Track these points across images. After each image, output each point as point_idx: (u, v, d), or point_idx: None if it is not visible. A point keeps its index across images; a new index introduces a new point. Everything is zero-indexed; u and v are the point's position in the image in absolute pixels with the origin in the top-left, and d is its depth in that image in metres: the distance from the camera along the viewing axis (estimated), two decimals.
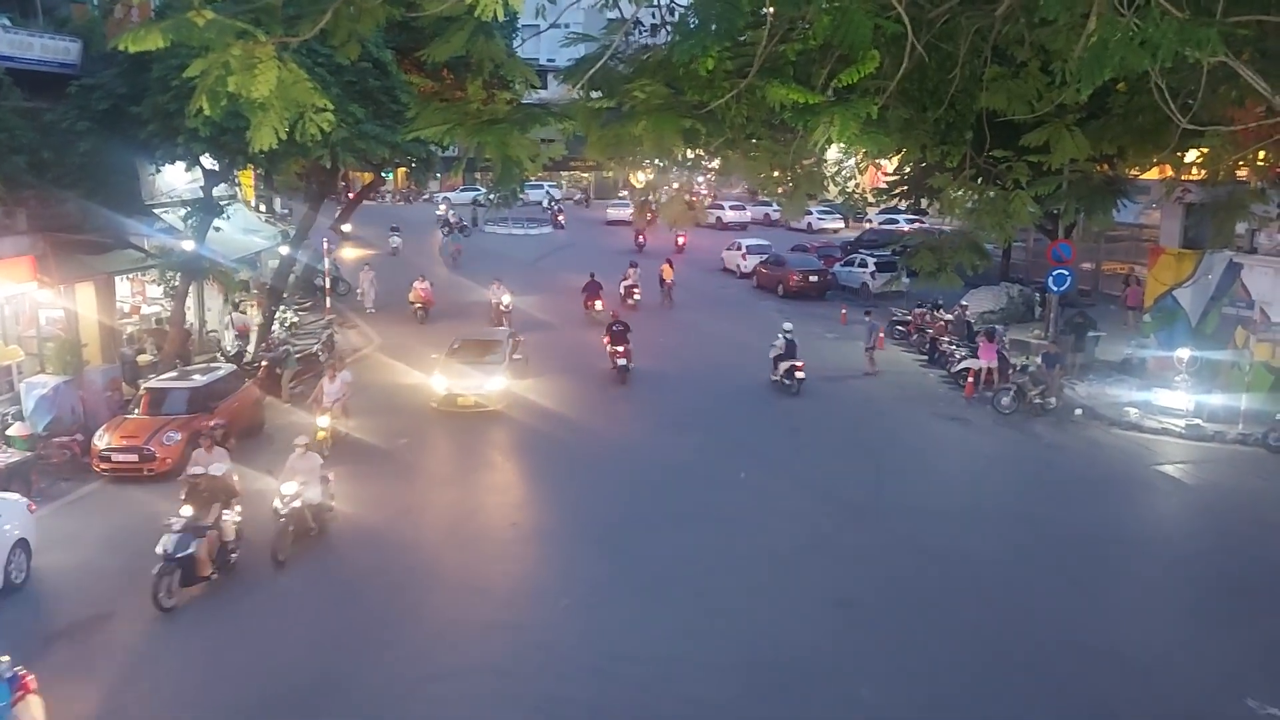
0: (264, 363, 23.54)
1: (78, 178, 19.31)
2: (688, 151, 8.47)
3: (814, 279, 36.97)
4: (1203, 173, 9.65)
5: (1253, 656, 11.85)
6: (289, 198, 48.46)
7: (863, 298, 35.71)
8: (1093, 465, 19.25)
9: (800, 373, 23.97)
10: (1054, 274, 24.10)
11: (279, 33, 5.59)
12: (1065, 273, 24.12)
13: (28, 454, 17.04)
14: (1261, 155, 9.14)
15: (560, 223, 57.42)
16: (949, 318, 28.13)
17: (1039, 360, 23.19)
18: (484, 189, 54.34)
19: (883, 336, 28.96)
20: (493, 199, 47.37)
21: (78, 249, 20.64)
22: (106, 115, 19.19)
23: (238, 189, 30.33)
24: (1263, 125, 7.49)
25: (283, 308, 29.43)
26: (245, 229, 28.48)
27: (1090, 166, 9.42)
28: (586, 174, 79.55)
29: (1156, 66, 5.23)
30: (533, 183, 62.85)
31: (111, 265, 22.07)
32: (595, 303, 32.40)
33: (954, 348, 25.67)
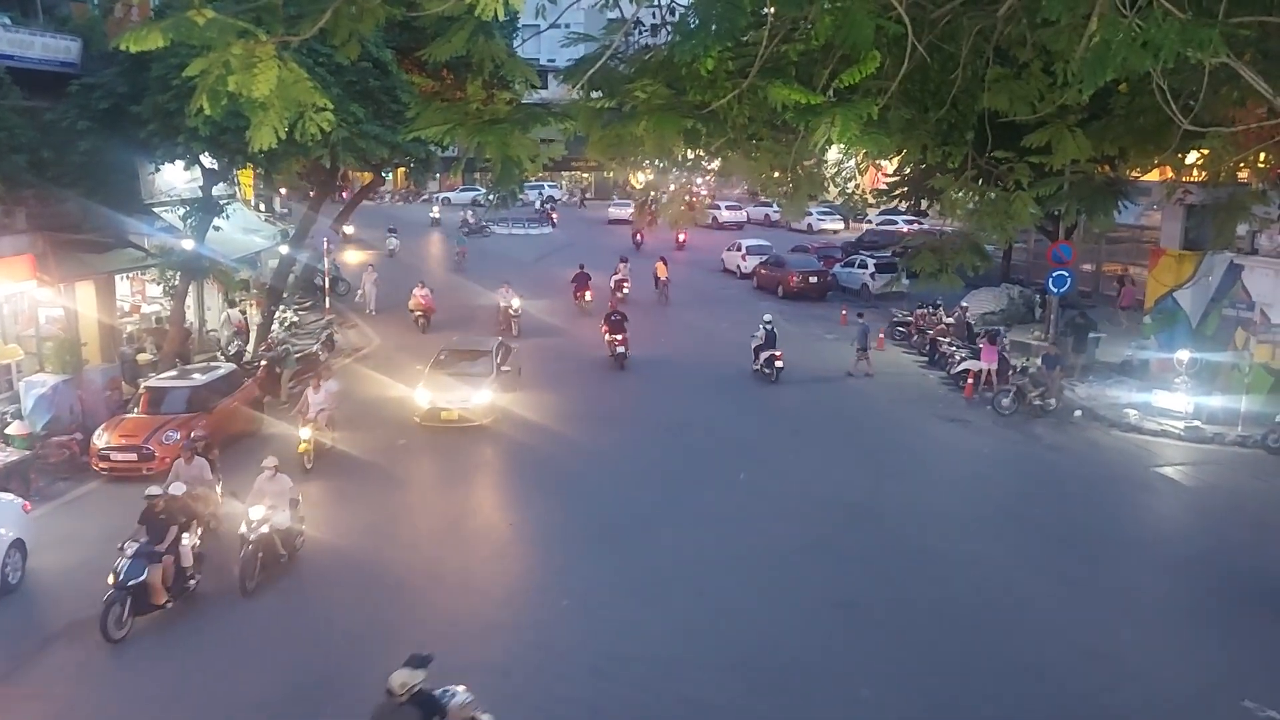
0: (264, 362, 23.55)
1: (78, 177, 19.31)
2: (688, 152, 8.45)
3: (814, 280, 36.99)
4: (1203, 174, 9.63)
5: (1251, 658, 11.86)
6: (288, 198, 48.50)
7: (863, 299, 35.74)
8: (1092, 467, 19.25)
9: (779, 361, 24.79)
10: (1054, 275, 24.12)
11: (279, 32, 5.58)
12: (1065, 274, 24.14)
13: (26, 453, 17.04)
14: (1262, 156, 9.12)
15: (553, 220, 57.66)
16: (949, 320, 28.11)
17: (1039, 362, 23.19)
18: (483, 189, 54.41)
19: (883, 337, 29.03)
20: (492, 199, 47.48)
21: (77, 248, 20.63)
22: (106, 114, 19.19)
23: (237, 188, 30.34)
24: (1264, 126, 7.47)
25: (282, 307, 29.43)
26: (245, 228, 28.48)
27: (1092, 167, 9.39)
28: (587, 174, 79.61)
29: (1158, 67, 5.22)
30: (533, 183, 62.97)
31: (111, 264, 22.06)
32: (584, 294, 33.50)
33: (954, 349, 25.67)
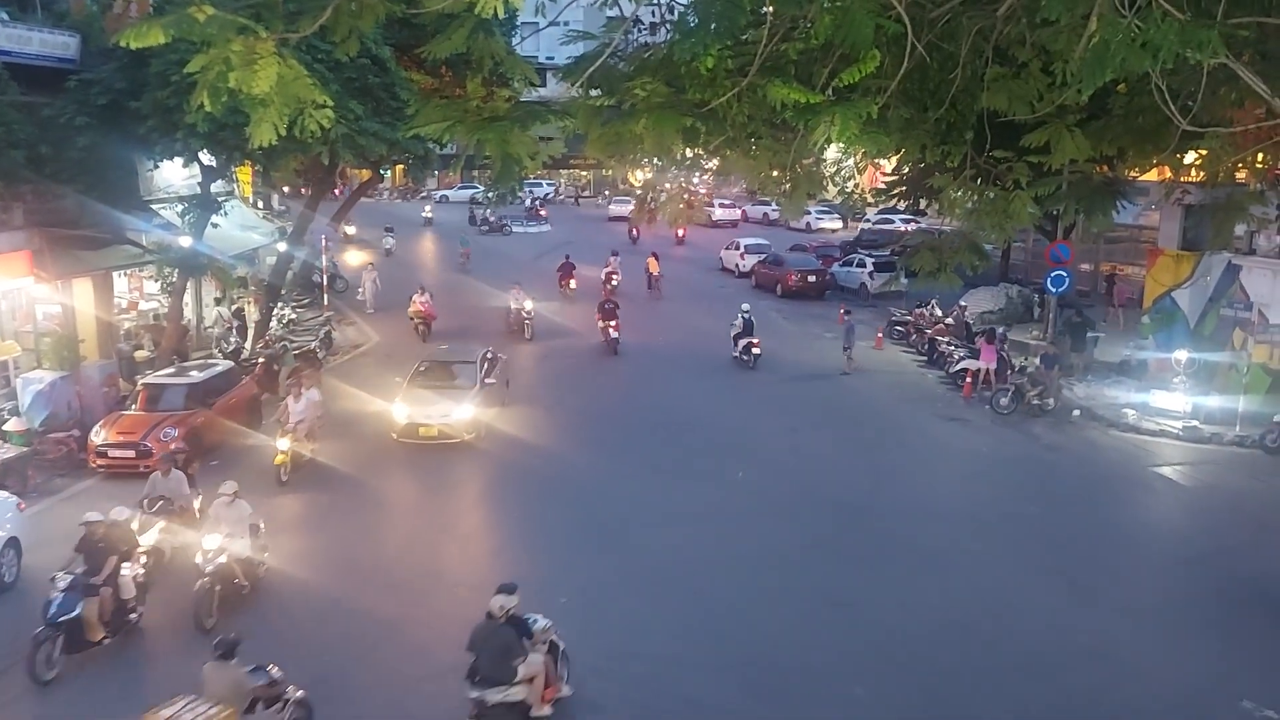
0: (261, 359, 23.54)
1: (76, 173, 19.27)
2: (687, 150, 8.44)
3: (812, 279, 37.00)
4: (1202, 174, 9.63)
5: (1249, 658, 11.89)
6: (289, 195, 48.46)
7: (861, 298, 35.79)
8: (1090, 466, 19.28)
9: (756, 349, 25.89)
10: (1052, 275, 24.13)
11: (279, 28, 5.57)
12: (1063, 274, 24.14)
13: (24, 449, 17.03)
14: (1261, 157, 9.13)
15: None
16: (949, 321, 28.12)
17: (1037, 361, 23.21)
18: (482, 187, 54.40)
19: (881, 336, 29.08)
20: (490, 196, 47.57)
21: (75, 244, 20.61)
22: (105, 110, 19.16)
23: (235, 185, 30.31)
24: (1262, 127, 7.48)
25: (281, 304, 29.41)
26: (243, 225, 28.45)
27: (1090, 167, 9.39)
28: (586, 172, 79.64)
29: (1157, 68, 5.22)
30: (531, 180, 62.92)
31: (109, 261, 22.04)
32: (569, 282, 35.54)
33: (953, 348, 25.69)
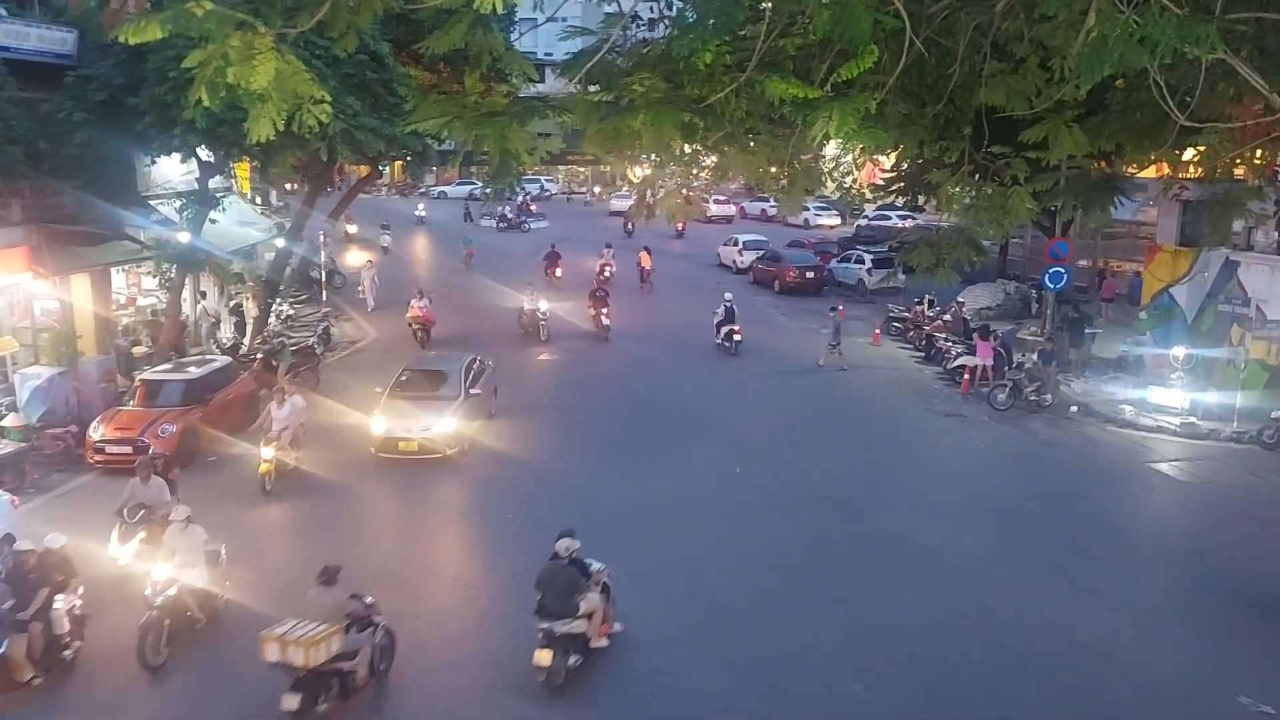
0: (259, 355, 23.52)
1: (74, 169, 19.25)
2: (685, 146, 8.46)
3: (810, 275, 37.03)
4: (1200, 170, 9.65)
5: (1246, 654, 11.91)
6: (289, 192, 48.36)
7: (859, 294, 35.89)
8: (1088, 462, 19.30)
9: (738, 335, 26.99)
10: (1050, 271, 24.14)
11: (277, 24, 5.58)
12: (1061, 270, 24.16)
13: (21, 445, 17.02)
14: (1259, 153, 9.17)
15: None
16: (946, 318, 28.13)
17: (1035, 357, 23.23)
18: (480, 183, 54.24)
19: (879, 332, 29.11)
20: (489, 192, 47.52)
21: (73, 240, 20.58)
22: (103, 106, 19.12)
23: (233, 181, 30.26)
24: (1260, 123, 7.51)
25: (279, 300, 29.37)
26: (241, 221, 28.40)
27: (1088, 163, 9.42)
28: (584, 168, 79.61)
29: (1155, 63, 5.24)
30: (530, 177, 62.80)
31: (107, 256, 22.01)
32: (555, 270, 37.28)
33: (950, 344, 25.71)
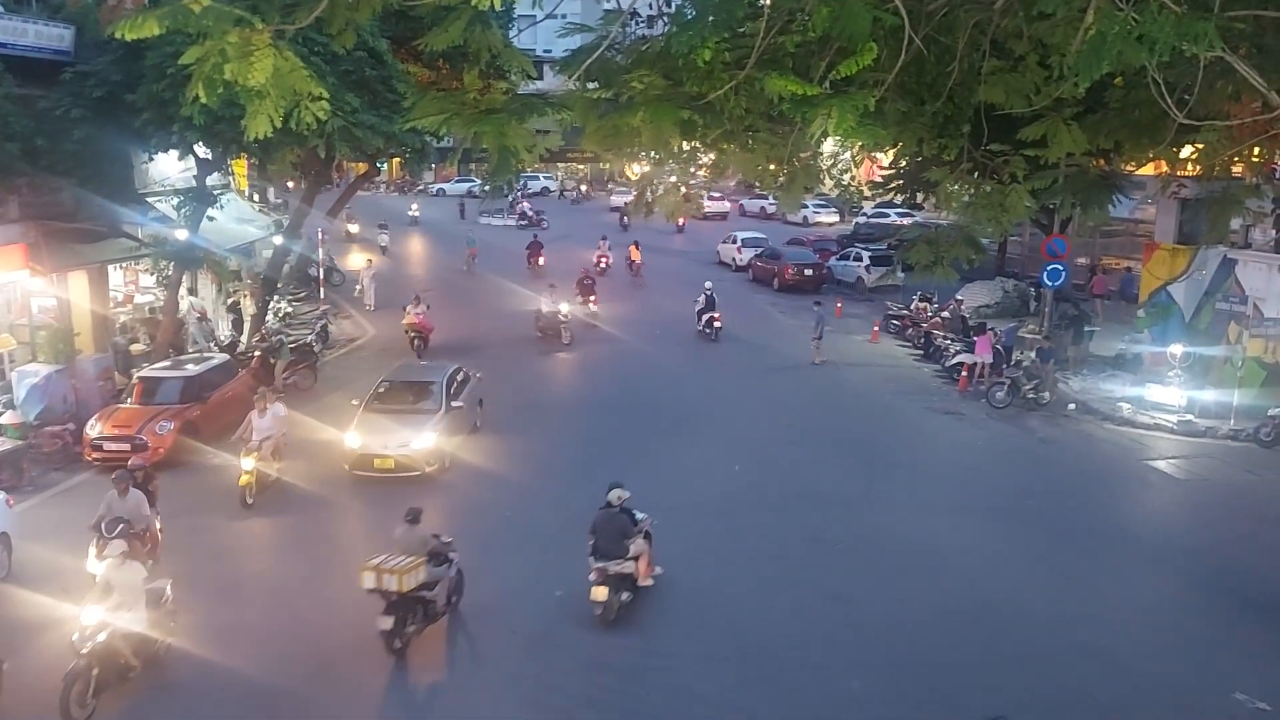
0: (257, 353, 23.50)
1: (71, 165, 19.21)
2: (684, 143, 8.45)
3: (809, 272, 37.04)
4: (1198, 168, 9.65)
5: (1242, 651, 11.93)
6: (288, 189, 48.28)
7: (858, 292, 35.94)
8: (1085, 460, 19.33)
9: (718, 322, 28.23)
10: (1048, 269, 24.16)
11: (275, 20, 5.56)
12: (1059, 268, 24.18)
13: (19, 443, 16.99)
14: (1257, 151, 9.17)
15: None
16: (944, 315, 28.16)
17: (1033, 355, 23.26)
18: (479, 180, 54.09)
19: (878, 330, 29.15)
20: (487, 189, 47.50)
21: (70, 237, 20.57)
22: (100, 103, 19.08)
23: (231, 178, 30.23)
24: (1258, 121, 7.50)
25: (277, 298, 29.34)
26: (239, 218, 28.38)
27: (1087, 161, 9.40)
28: (583, 165, 79.52)
29: (1153, 61, 5.23)
30: (529, 174, 62.61)
31: (104, 254, 22.00)
32: (537, 258, 39.35)
33: (948, 342, 25.73)
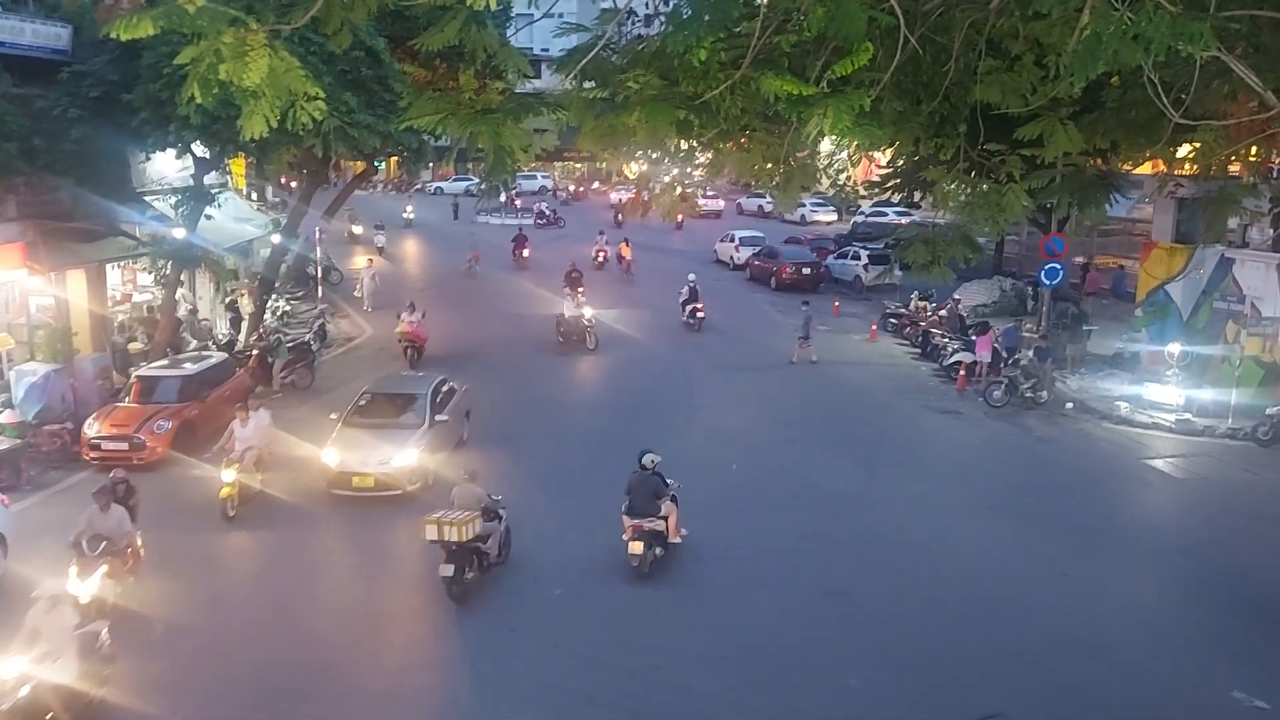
0: (255, 352, 23.48)
1: (69, 165, 19.19)
2: (681, 143, 8.45)
3: (807, 271, 37.08)
4: (1195, 167, 9.66)
5: (1240, 648, 11.95)
6: (281, 187, 48.25)
7: (856, 290, 35.96)
8: (1083, 459, 19.34)
9: (701, 313, 29.16)
10: (1046, 267, 24.18)
11: (271, 20, 5.56)
12: (1057, 267, 24.20)
13: (17, 442, 16.98)
14: (1253, 150, 9.15)
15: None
16: (942, 314, 28.17)
17: (1030, 353, 23.27)
18: (476, 179, 54.07)
19: (875, 329, 29.16)
20: (484, 188, 47.41)
21: (68, 236, 20.56)
22: (98, 102, 19.06)
23: (229, 177, 30.20)
24: (1255, 120, 7.49)
25: (275, 297, 29.32)
26: (237, 217, 28.37)
27: (1084, 160, 9.40)
28: (580, 164, 79.54)
29: (1149, 61, 5.23)
30: (526, 173, 62.46)
31: (102, 253, 21.98)
32: (522, 251, 41.02)
33: (946, 340, 25.75)
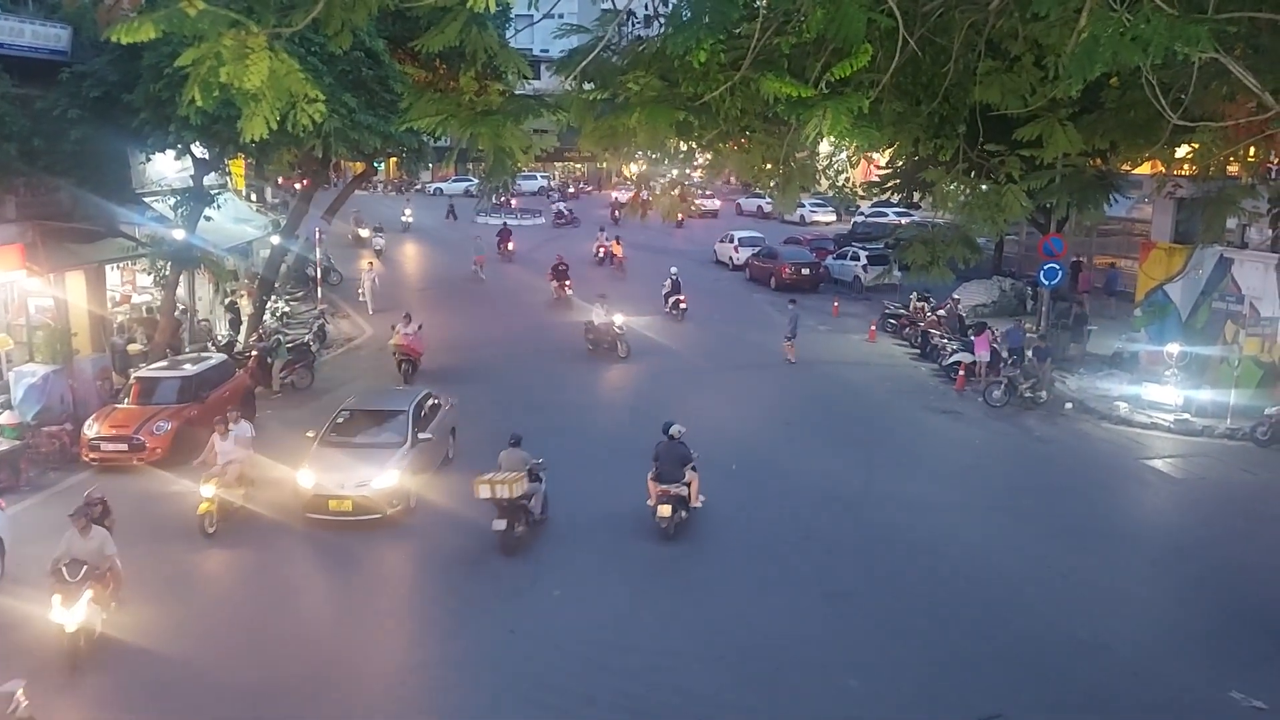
0: (254, 353, 23.48)
1: (68, 165, 19.20)
2: (680, 144, 8.47)
3: (806, 271, 37.09)
4: (1193, 168, 9.69)
5: (1239, 648, 11.97)
6: (280, 187, 48.22)
7: (855, 291, 35.98)
8: (1082, 459, 19.36)
9: (683, 304, 30.19)
10: (1045, 268, 24.21)
11: (271, 23, 5.56)
12: (1056, 267, 24.23)
13: (16, 443, 16.97)
14: (1252, 151, 9.17)
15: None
16: (941, 314, 28.19)
17: (1030, 353, 23.30)
18: (476, 179, 54.10)
19: (874, 329, 29.18)
20: (484, 188, 47.62)
21: (68, 237, 20.57)
22: (98, 103, 19.06)
23: (229, 178, 30.20)
24: (1253, 121, 7.51)
25: (274, 297, 29.33)
26: (236, 218, 28.38)
27: (1083, 161, 9.42)
28: (580, 165, 79.59)
29: (1148, 62, 5.24)
30: (526, 174, 62.45)
31: (102, 254, 21.99)
32: (507, 244, 42.85)
33: (945, 341, 25.77)
